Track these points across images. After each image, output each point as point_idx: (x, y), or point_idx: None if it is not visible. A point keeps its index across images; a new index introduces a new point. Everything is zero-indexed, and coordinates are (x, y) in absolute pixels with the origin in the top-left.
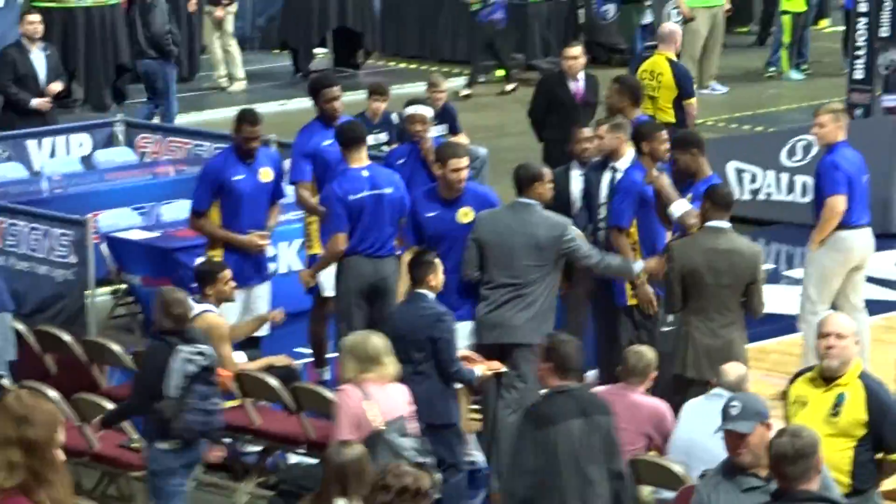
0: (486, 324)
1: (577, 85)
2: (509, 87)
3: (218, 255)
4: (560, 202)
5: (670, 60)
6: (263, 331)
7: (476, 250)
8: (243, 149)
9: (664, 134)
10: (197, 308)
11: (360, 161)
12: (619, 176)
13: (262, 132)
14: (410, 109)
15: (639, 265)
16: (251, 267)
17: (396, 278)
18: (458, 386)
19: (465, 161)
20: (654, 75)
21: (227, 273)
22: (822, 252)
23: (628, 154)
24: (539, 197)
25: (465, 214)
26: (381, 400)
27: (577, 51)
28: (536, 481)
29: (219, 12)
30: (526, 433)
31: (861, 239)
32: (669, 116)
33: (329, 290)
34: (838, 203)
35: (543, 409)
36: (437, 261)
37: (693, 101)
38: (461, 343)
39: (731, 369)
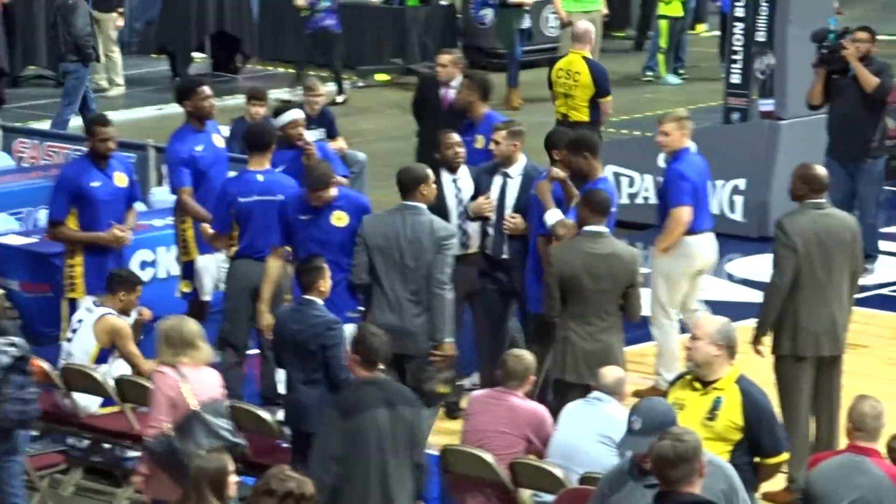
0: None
1: (447, 91)
2: (340, 98)
3: (77, 263)
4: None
5: (587, 59)
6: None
7: (365, 255)
8: (99, 152)
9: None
10: (97, 311)
11: (260, 165)
12: (510, 182)
13: (114, 134)
14: (288, 116)
15: (450, 340)
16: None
17: (286, 283)
18: None
19: (333, 191)
20: (570, 74)
21: (140, 289)
22: (667, 258)
23: (521, 160)
24: (424, 199)
25: (338, 218)
26: (196, 382)
27: (446, 58)
28: (341, 469)
29: (120, 21)
30: (332, 422)
31: (704, 244)
32: (584, 115)
33: (207, 294)
34: (683, 214)
35: (349, 398)
36: (326, 266)
37: (609, 98)
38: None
39: (609, 373)
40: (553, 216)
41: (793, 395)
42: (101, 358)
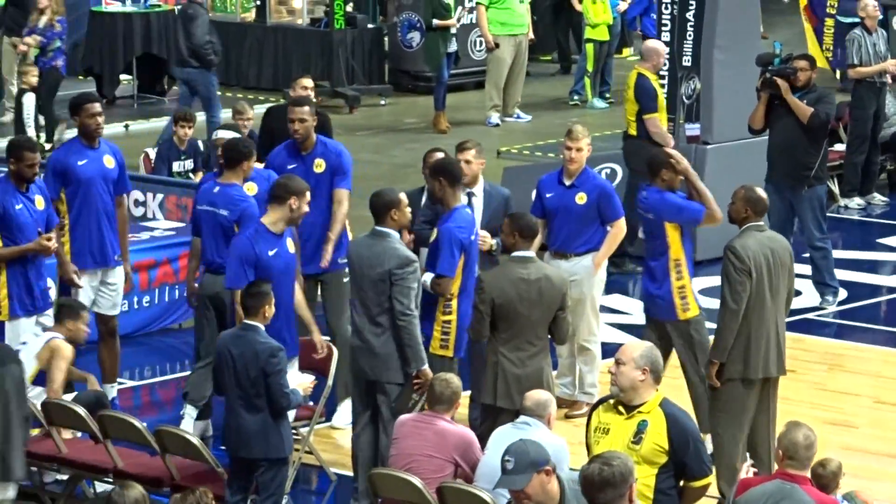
0: (354, 354)
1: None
2: (48, 145)
3: (1, 286)
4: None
5: (639, 74)
6: None
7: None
8: (24, 177)
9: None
10: (44, 336)
11: (227, 178)
12: (475, 200)
13: (40, 160)
14: (221, 133)
15: (425, 365)
16: (39, 294)
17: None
18: None
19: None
20: (626, 88)
21: (87, 316)
22: (595, 278)
23: (481, 179)
24: (397, 224)
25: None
26: None
27: (309, 82)
28: None
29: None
30: None
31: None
32: (633, 129)
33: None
34: (624, 223)
35: None
36: (271, 292)
37: (652, 116)
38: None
39: (531, 396)
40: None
41: (739, 418)
42: (38, 380)
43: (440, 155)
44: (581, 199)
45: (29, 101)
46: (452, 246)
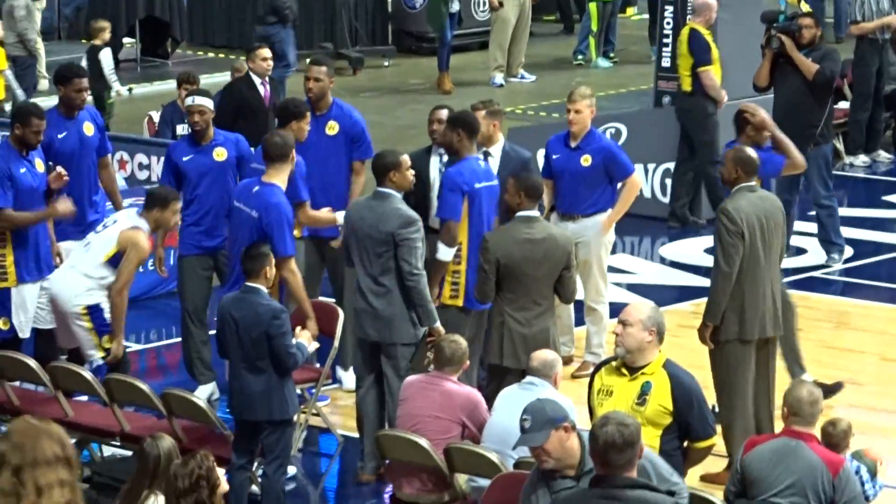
0: (358, 316)
1: (266, 88)
2: None
3: (7, 252)
4: (418, 186)
5: (692, 29)
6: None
7: (345, 240)
8: (30, 143)
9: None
10: (134, 220)
11: (269, 177)
12: (490, 160)
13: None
14: (199, 100)
15: (437, 322)
16: (43, 258)
17: None
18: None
19: None
20: (679, 44)
21: (178, 205)
22: (603, 239)
23: (500, 140)
24: (397, 186)
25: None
26: None
27: (267, 52)
28: None
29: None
30: None
31: None
32: (688, 85)
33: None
34: (637, 178)
35: None
36: (271, 253)
37: (707, 68)
38: None
39: (540, 356)
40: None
41: (738, 379)
42: (114, 261)
43: (444, 112)
44: (586, 160)
45: (106, 56)
46: (450, 189)
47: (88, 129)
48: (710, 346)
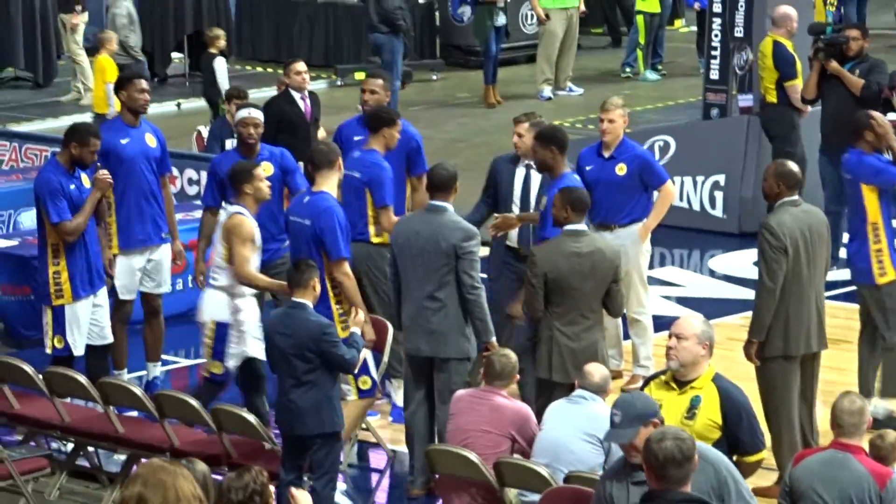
0: (409, 331)
1: (305, 102)
2: None
3: (62, 268)
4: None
5: (775, 42)
6: None
7: (392, 257)
8: (86, 162)
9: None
10: (230, 208)
11: (318, 186)
12: (533, 173)
13: None
14: (242, 113)
15: (493, 337)
16: (96, 272)
17: None
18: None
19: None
20: (761, 56)
21: (261, 171)
22: (641, 248)
23: None
24: (452, 199)
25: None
26: None
27: (302, 66)
28: None
29: (74, 19)
30: None
31: None
32: (773, 97)
33: (127, 293)
34: (671, 186)
35: None
36: (317, 268)
37: (795, 82)
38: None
39: (595, 370)
40: None
41: (784, 395)
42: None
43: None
44: (621, 169)
45: (220, 64)
46: None
47: (151, 140)
48: (756, 362)
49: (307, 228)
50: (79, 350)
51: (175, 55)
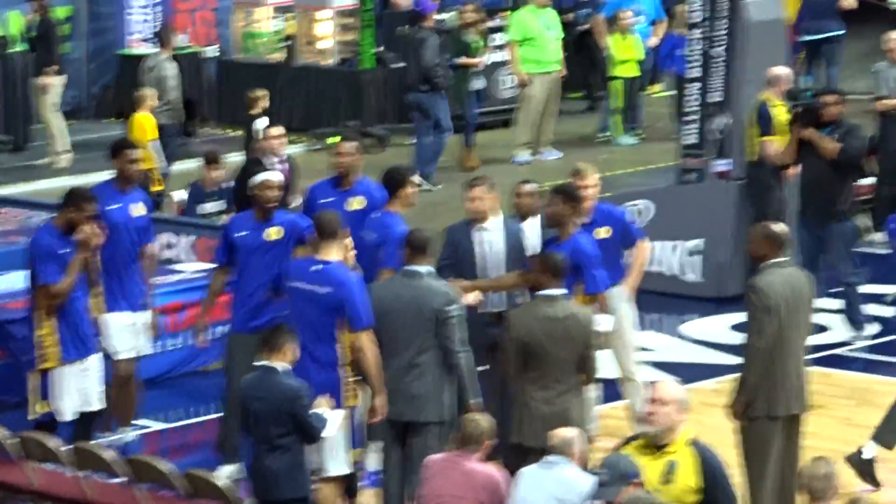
0: (389, 396)
1: (284, 166)
2: None
3: (48, 332)
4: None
5: (762, 101)
6: None
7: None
8: (81, 226)
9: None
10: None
11: (326, 254)
12: (487, 235)
13: None
14: (260, 177)
15: (477, 401)
16: (88, 338)
17: None
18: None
19: None
20: (748, 114)
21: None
22: (627, 308)
23: (499, 214)
24: (430, 264)
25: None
26: None
27: (278, 129)
28: None
29: (45, 81)
30: None
31: None
32: (751, 154)
33: (123, 352)
34: (647, 242)
35: None
36: (294, 332)
37: (768, 139)
38: None
39: (557, 433)
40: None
41: (765, 456)
42: None
43: (529, 186)
44: (606, 232)
45: (262, 125)
46: (596, 265)
47: (139, 209)
48: (743, 422)
49: (325, 297)
50: (64, 416)
51: None
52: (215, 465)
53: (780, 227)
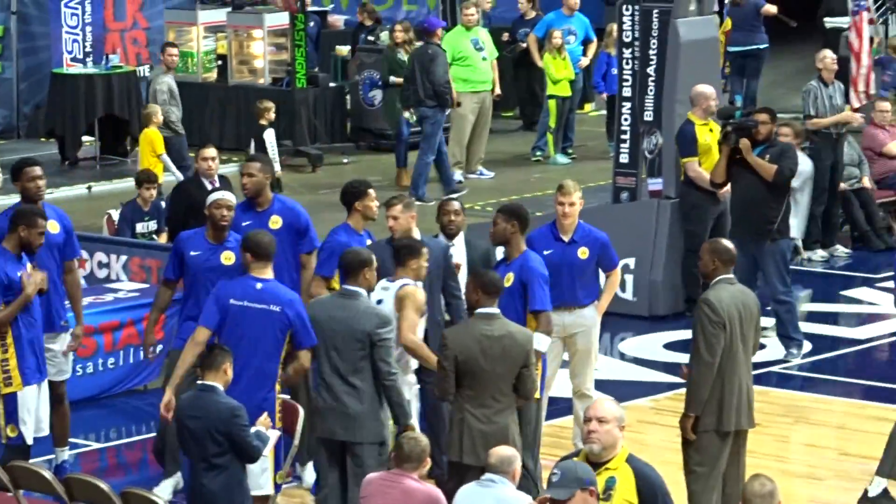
0: (323, 415)
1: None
2: None
3: (10, 356)
4: None
5: (683, 125)
6: None
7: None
8: (32, 245)
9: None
10: (395, 284)
11: (261, 273)
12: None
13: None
14: (214, 196)
15: (414, 418)
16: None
17: None
18: None
19: None
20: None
21: (426, 250)
22: (595, 329)
23: (416, 234)
24: (367, 284)
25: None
26: None
27: (211, 151)
28: None
29: None
30: None
31: None
32: (683, 175)
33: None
34: (619, 270)
35: None
36: (230, 351)
37: (688, 160)
38: None
39: (495, 452)
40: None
41: (712, 471)
42: None
43: (457, 205)
44: (584, 253)
45: (269, 135)
46: (544, 282)
47: (53, 227)
48: (692, 436)
49: (275, 315)
50: (29, 440)
51: (86, 138)
52: (153, 484)
53: (726, 243)
